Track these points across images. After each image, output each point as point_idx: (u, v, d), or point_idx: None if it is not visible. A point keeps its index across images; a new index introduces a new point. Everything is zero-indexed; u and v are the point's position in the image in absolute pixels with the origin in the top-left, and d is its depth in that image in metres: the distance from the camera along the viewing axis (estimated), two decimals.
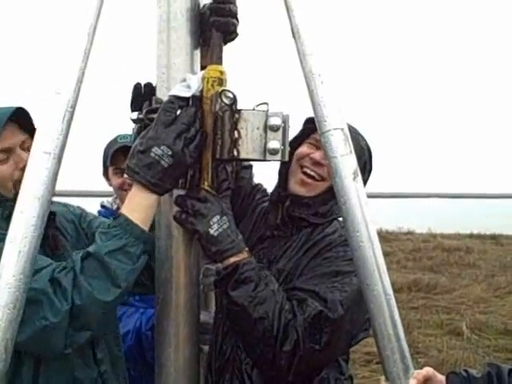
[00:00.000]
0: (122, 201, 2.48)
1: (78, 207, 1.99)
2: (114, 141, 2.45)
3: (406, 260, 11.09)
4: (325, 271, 1.60)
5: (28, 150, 1.64)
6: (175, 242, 1.45)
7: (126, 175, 1.40)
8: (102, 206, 2.50)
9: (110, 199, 2.54)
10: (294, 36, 1.39)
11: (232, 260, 1.47)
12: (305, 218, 1.74)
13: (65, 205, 1.97)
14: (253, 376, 1.65)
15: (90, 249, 1.39)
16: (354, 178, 1.38)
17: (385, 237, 13.52)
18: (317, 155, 1.71)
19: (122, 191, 2.45)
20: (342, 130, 1.38)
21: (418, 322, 6.64)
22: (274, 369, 1.53)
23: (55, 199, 1.98)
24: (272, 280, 1.52)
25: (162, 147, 1.33)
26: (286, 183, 1.79)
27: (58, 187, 1.32)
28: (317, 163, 1.71)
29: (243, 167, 1.98)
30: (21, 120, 1.61)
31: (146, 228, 1.39)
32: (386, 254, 1.43)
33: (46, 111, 1.27)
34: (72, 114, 1.28)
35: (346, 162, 1.38)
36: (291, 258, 1.70)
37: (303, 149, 1.75)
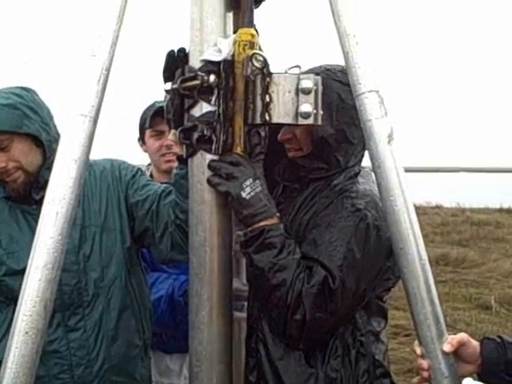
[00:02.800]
0: (158, 165, 2.50)
1: (134, 170, 1.98)
2: (152, 105, 2.48)
3: (434, 234, 11.00)
4: (323, 232, 1.56)
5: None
6: (208, 206, 1.45)
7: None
8: None
9: (143, 167, 2.56)
10: None
11: (262, 224, 1.47)
12: (305, 175, 1.70)
13: (113, 164, 1.97)
14: (274, 340, 1.65)
15: None
16: (389, 142, 1.37)
17: None
18: (280, 136, 1.69)
19: (159, 155, 2.48)
20: (377, 92, 1.37)
21: (446, 296, 6.60)
22: (285, 336, 1.55)
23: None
24: (296, 250, 1.51)
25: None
26: None
27: None
28: (284, 141, 1.70)
29: None
30: None
31: None
32: None
33: (81, 74, 1.28)
34: (107, 76, 1.29)
35: (380, 125, 1.37)
36: (294, 217, 1.67)
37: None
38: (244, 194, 1.44)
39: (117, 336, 1.85)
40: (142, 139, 2.57)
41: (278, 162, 1.81)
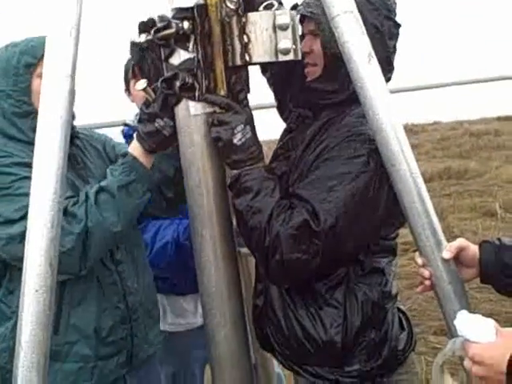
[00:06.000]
0: None
1: (103, 134, 2.08)
2: None
3: (435, 150, 10.96)
4: (323, 175, 1.52)
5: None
6: (199, 147, 1.46)
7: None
8: (125, 125, 2.52)
9: (132, 117, 2.55)
10: None
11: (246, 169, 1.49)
12: (317, 101, 1.65)
13: (89, 132, 2.04)
14: None
15: (103, 183, 1.63)
16: (369, 61, 1.36)
17: (411, 129, 13.31)
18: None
19: None
20: (352, 12, 1.36)
21: (451, 208, 6.65)
22: (269, 277, 1.57)
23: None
24: (274, 192, 1.49)
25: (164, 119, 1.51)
26: None
27: None
28: (304, 55, 1.63)
29: None
30: None
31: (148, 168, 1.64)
32: (413, 147, 1.39)
33: (53, 29, 1.28)
34: (77, 30, 1.28)
35: (358, 45, 1.36)
36: (303, 153, 1.65)
37: None
38: (235, 140, 1.44)
39: (145, 268, 2.00)
40: (127, 89, 2.55)
41: (289, 87, 1.79)
